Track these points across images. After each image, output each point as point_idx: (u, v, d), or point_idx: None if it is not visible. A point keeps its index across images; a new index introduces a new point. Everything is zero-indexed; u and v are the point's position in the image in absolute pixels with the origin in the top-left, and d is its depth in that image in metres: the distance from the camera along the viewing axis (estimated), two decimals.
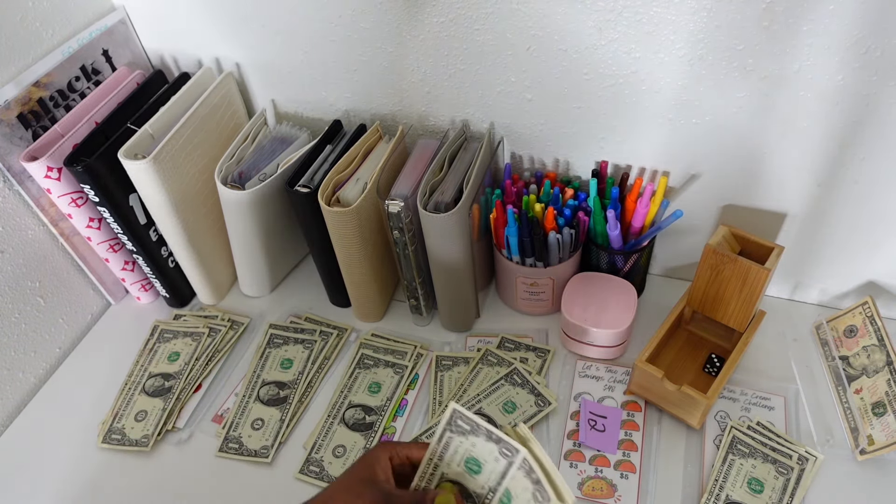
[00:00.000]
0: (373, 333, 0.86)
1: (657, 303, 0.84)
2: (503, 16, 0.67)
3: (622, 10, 0.63)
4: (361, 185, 0.75)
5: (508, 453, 0.47)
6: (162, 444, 0.77)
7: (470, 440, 0.49)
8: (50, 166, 0.73)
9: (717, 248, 0.69)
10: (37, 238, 0.81)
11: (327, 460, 0.73)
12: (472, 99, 0.77)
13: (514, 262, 0.79)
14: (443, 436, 0.51)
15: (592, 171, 0.78)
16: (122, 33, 0.83)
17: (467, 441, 0.50)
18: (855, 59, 0.59)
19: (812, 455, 0.67)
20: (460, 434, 0.50)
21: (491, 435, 0.48)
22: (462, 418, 0.49)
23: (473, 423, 0.48)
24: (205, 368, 0.83)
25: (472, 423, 0.49)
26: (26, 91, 0.73)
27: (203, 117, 0.79)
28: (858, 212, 0.71)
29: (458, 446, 0.51)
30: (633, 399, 0.75)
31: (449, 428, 0.50)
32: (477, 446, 0.49)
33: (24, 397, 0.84)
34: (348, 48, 0.76)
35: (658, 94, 0.68)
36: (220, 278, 0.91)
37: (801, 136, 0.67)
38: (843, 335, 0.76)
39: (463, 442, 0.50)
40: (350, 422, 0.77)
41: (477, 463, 0.50)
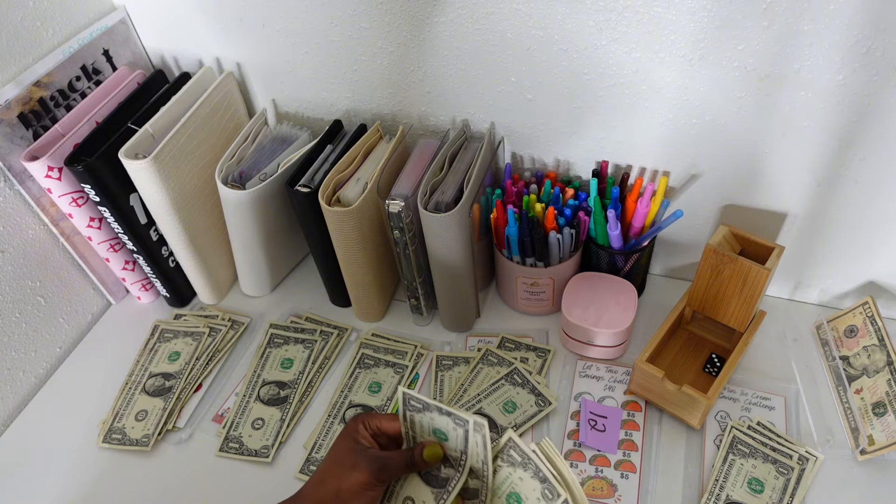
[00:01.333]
0: (373, 333, 0.86)
1: (657, 303, 0.84)
2: (503, 16, 0.67)
3: (622, 10, 0.63)
4: (362, 184, 0.75)
5: (549, 493, 0.49)
6: (162, 443, 0.77)
7: (518, 472, 0.52)
8: (51, 166, 0.73)
9: (717, 248, 0.69)
10: (37, 238, 0.81)
11: None
12: (472, 99, 0.77)
13: (515, 261, 0.79)
14: (404, 415, 0.55)
15: (593, 170, 0.78)
16: (122, 33, 0.83)
17: (515, 473, 0.52)
18: (855, 59, 0.59)
19: (812, 455, 0.67)
20: (417, 412, 0.54)
21: (530, 463, 0.50)
22: (514, 448, 0.52)
23: (524, 454, 0.51)
24: (205, 368, 0.83)
25: (523, 455, 0.51)
26: (27, 91, 0.73)
27: (203, 117, 0.79)
28: (859, 211, 0.71)
29: (422, 420, 0.55)
30: (633, 399, 0.75)
31: (501, 457, 0.53)
32: (517, 478, 0.52)
33: (24, 397, 0.84)
34: (348, 48, 0.76)
35: (658, 94, 0.68)
36: (221, 278, 0.91)
37: (802, 136, 0.67)
38: (843, 335, 0.76)
39: (511, 474, 0.53)
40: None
41: (443, 433, 0.54)
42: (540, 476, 0.49)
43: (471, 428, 0.51)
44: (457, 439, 0.53)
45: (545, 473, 0.48)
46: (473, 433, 0.51)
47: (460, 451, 0.53)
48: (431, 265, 0.76)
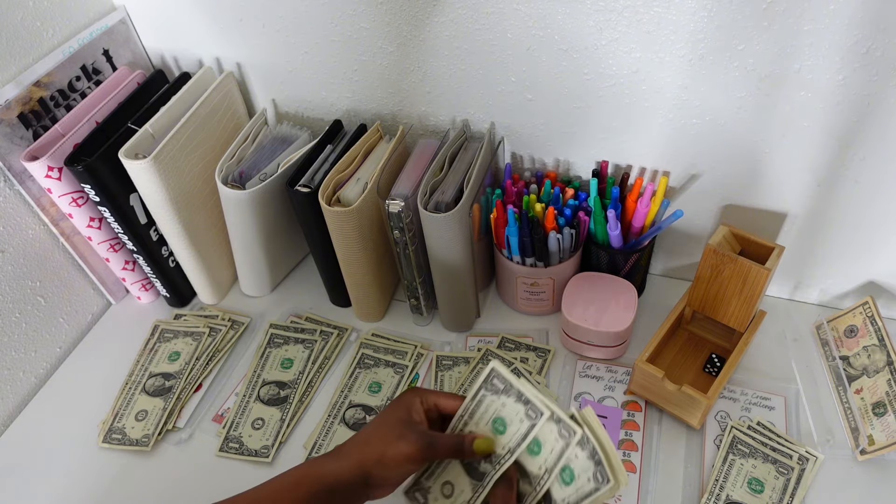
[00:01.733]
0: (373, 333, 0.86)
1: (657, 303, 0.84)
2: (504, 16, 0.67)
3: (622, 10, 0.63)
4: (362, 184, 0.75)
5: (567, 434, 0.49)
6: (162, 443, 0.77)
7: (501, 399, 0.53)
8: (50, 166, 0.73)
9: (717, 248, 0.69)
10: (37, 238, 0.81)
11: None
12: (472, 99, 0.77)
13: (515, 261, 0.79)
14: (475, 392, 0.54)
15: (593, 171, 0.78)
16: (122, 33, 0.83)
17: (498, 401, 0.53)
18: (855, 59, 0.59)
19: (812, 455, 0.67)
20: (494, 393, 0.54)
21: (553, 415, 0.50)
22: (498, 378, 0.53)
23: (536, 407, 0.51)
24: (205, 368, 0.83)
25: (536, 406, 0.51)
26: (27, 91, 0.73)
27: (203, 117, 0.79)
28: (859, 211, 0.71)
29: (490, 404, 0.54)
30: (633, 399, 0.75)
31: (485, 386, 0.54)
32: (507, 407, 0.53)
33: (24, 397, 0.84)
34: (348, 48, 0.76)
35: (658, 94, 0.68)
36: (221, 278, 0.91)
37: (802, 136, 0.67)
38: (843, 335, 0.76)
39: (494, 402, 0.53)
40: (350, 422, 0.77)
41: (503, 423, 0.53)
42: (596, 459, 0.48)
43: (540, 423, 0.50)
44: (515, 435, 0.52)
45: (600, 456, 0.48)
46: (540, 428, 0.50)
47: (509, 449, 0.52)
48: (431, 265, 0.76)
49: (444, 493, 0.56)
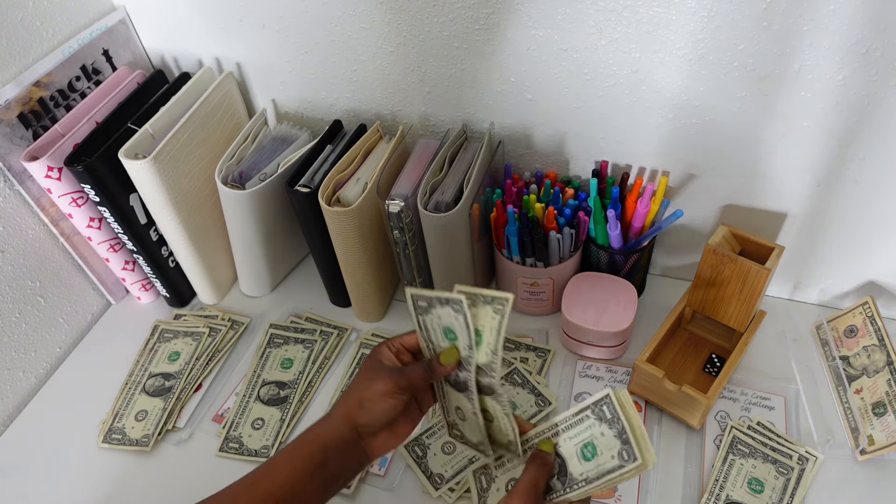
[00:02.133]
0: (373, 333, 0.86)
1: (657, 303, 0.84)
2: (503, 16, 0.67)
3: (622, 10, 0.63)
4: (362, 184, 0.75)
5: (607, 416, 0.50)
6: (162, 443, 0.77)
7: (435, 312, 0.54)
8: (50, 166, 0.73)
9: (717, 248, 0.69)
10: (37, 238, 0.81)
11: None
12: (472, 99, 0.77)
13: (515, 261, 0.79)
14: (419, 322, 0.57)
15: (592, 170, 0.78)
16: (122, 33, 0.83)
17: (434, 314, 0.55)
18: (855, 59, 0.59)
19: (812, 455, 0.67)
20: (425, 313, 0.55)
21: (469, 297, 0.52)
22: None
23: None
24: (205, 368, 0.83)
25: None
26: (27, 91, 0.73)
27: (203, 117, 0.79)
28: (859, 211, 0.71)
29: (431, 322, 0.56)
30: (633, 399, 0.75)
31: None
32: (441, 317, 0.54)
33: (24, 397, 0.84)
34: (348, 48, 0.76)
35: (658, 94, 0.68)
36: (221, 278, 0.91)
37: (802, 136, 0.67)
38: (843, 335, 0.76)
39: (431, 319, 0.55)
40: None
41: (451, 330, 0.54)
42: (623, 438, 0.49)
43: (465, 309, 0.51)
44: (462, 331, 0.53)
45: (628, 436, 0.49)
46: (469, 311, 0.52)
47: (468, 346, 0.54)
48: (431, 265, 0.76)
49: (461, 417, 0.60)
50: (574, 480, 0.52)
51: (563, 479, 0.53)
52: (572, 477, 0.52)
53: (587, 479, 0.51)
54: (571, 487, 0.52)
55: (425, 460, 0.71)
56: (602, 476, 0.50)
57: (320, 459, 0.55)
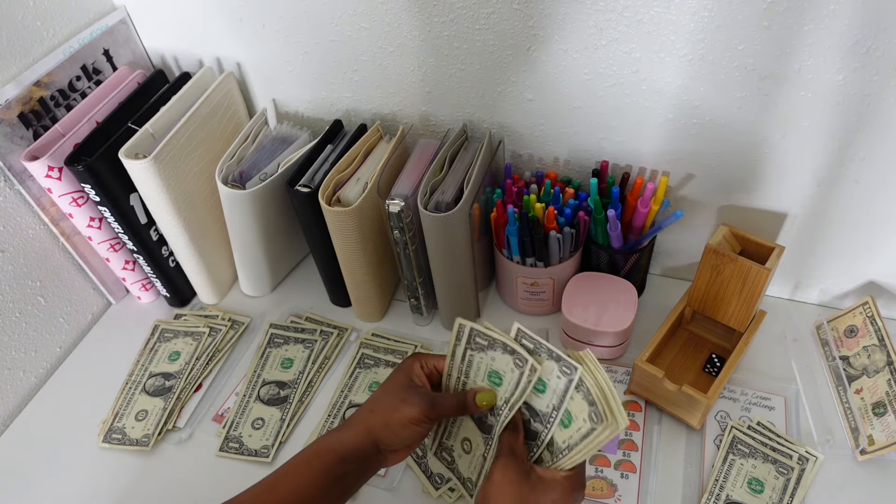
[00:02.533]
0: (373, 333, 0.86)
1: (657, 303, 0.84)
2: (504, 16, 0.67)
3: (622, 10, 0.63)
4: (362, 184, 0.75)
5: (567, 371, 0.50)
6: (162, 443, 0.77)
7: (490, 354, 0.54)
8: (51, 166, 0.73)
9: (717, 248, 0.69)
10: (37, 237, 0.81)
11: None
12: (472, 99, 0.77)
13: (515, 261, 0.79)
14: (463, 354, 0.56)
15: (593, 170, 0.78)
16: (122, 33, 0.83)
17: (487, 356, 0.54)
18: (855, 59, 0.59)
19: (812, 455, 0.67)
20: (480, 350, 0.55)
21: (552, 353, 0.51)
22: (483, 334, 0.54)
23: (537, 342, 0.52)
24: (205, 368, 0.83)
25: (536, 343, 0.53)
26: (27, 90, 0.73)
27: (204, 117, 0.79)
28: (859, 211, 0.71)
29: (480, 362, 0.55)
30: (633, 399, 0.75)
31: (469, 346, 0.55)
32: (497, 361, 0.54)
33: (24, 396, 0.84)
34: (348, 48, 0.76)
35: (658, 94, 0.68)
36: (221, 278, 0.92)
37: (802, 136, 0.67)
38: (843, 335, 0.76)
39: (484, 357, 0.55)
40: None
41: (499, 376, 0.54)
42: (589, 399, 0.49)
43: (527, 370, 0.52)
44: (509, 384, 0.53)
45: (594, 397, 0.48)
46: (528, 376, 0.52)
47: (505, 399, 0.54)
48: (431, 265, 0.76)
49: (465, 449, 0.60)
50: (559, 449, 0.53)
51: (550, 448, 0.54)
52: (557, 445, 0.53)
53: (569, 445, 0.51)
54: (557, 456, 0.53)
55: (425, 460, 0.71)
56: (582, 440, 0.50)
57: (340, 470, 0.54)
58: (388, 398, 0.56)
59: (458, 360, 0.56)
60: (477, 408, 0.55)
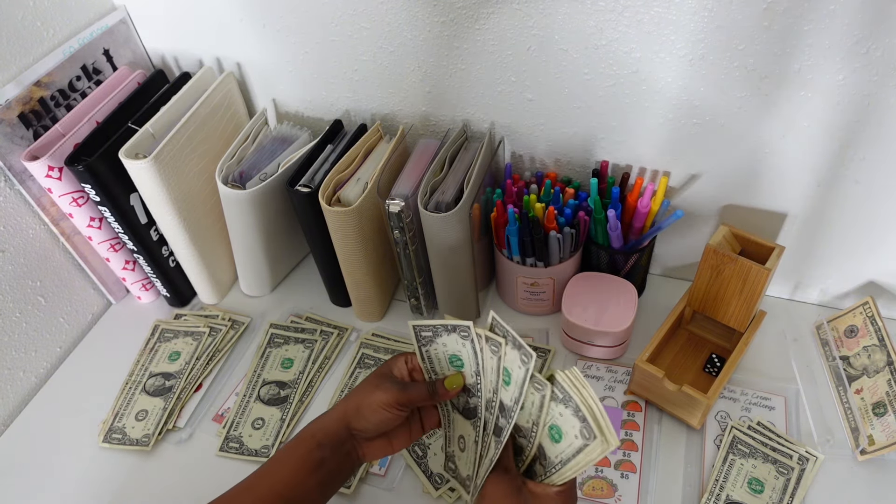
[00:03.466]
0: (373, 333, 0.86)
1: (657, 303, 0.84)
2: (504, 16, 0.67)
3: (623, 10, 0.63)
4: (362, 184, 0.75)
5: (526, 360, 0.52)
6: (162, 443, 0.77)
7: (441, 340, 0.58)
8: (51, 166, 0.73)
9: (717, 248, 0.69)
10: (38, 237, 0.81)
11: None
12: (472, 99, 0.77)
13: (515, 261, 0.79)
14: (422, 354, 0.59)
15: (593, 170, 0.78)
16: (122, 33, 0.83)
17: (440, 342, 0.58)
18: (855, 59, 0.59)
19: (812, 455, 0.67)
20: (429, 343, 0.58)
21: (516, 342, 0.53)
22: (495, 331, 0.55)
23: (506, 330, 0.54)
24: (205, 368, 0.83)
25: (505, 330, 0.54)
26: (27, 90, 0.73)
27: (204, 117, 0.79)
28: (859, 212, 0.71)
29: (436, 352, 0.58)
30: (633, 399, 0.75)
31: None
32: (448, 345, 0.57)
33: (24, 396, 0.84)
34: (348, 48, 0.76)
35: (658, 94, 0.68)
36: (221, 278, 0.92)
37: (802, 136, 0.67)
38: (843, 335, 0.76)
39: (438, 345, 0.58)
40: None
41: (458, 357, 0.57)
42: (580, 415, 0.49)
43: (473, 335, 0.54)
44: (469, 358, 0.55)
45: (584, 413, 0.49)
46: (478, 341, 0.54)
47: (475, 373, 0.56)
48: (431, 265, 0.76)
49: (461, 448, 0.61)
50: (552, 463, 0.53)
51: (543, 462, 0.54)
52: (550, 461, 0.53)
53: (562, 460, 0.52)
54: (550, 471, 0.53)
55: (425, 460, 0.71)
56: (574, 456, 0.50)
57: (318, 455, 0.56)
58: (365, 385, 0.58)
59: (421, 361, 0.59)
60: (448, 392, 0.57)
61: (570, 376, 0.51)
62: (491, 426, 0.56)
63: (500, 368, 0.54)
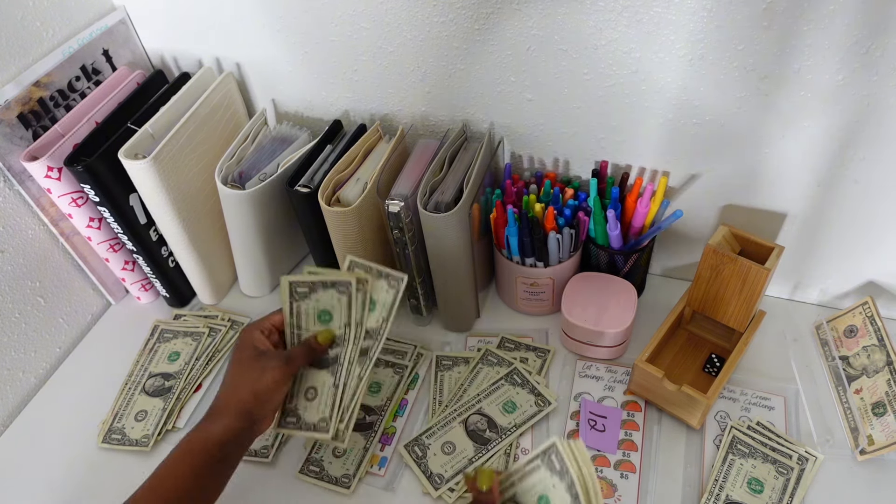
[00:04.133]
0: None
1: (657, 303, 0.84)
2: (503, 16, 0.67)
3: (622, 10, 0.63)
4: (361, 184, 0.75)
5: (395, 283, 0.59)
6: (162, 443, 0.77)
7: (314, 297, 0.63)
8: (50, 166, 0.73)
9: (717, 248, 0.69)
10: (37, 238, 0.81)
11: (327, 460, 0.73)
12: (472, 99, 0.77)
13: (514, 262, 0.79)
14: (290, 308, 0.63)
15: (592, 170, 0.78)
16: (122, 33, 0.83)
17: (312, 300, 0.64)
18: (855, 59, 0.59)
19: (812, 455, 0.67)
20: (304, 298, 0.63)
21: (381, 273, 0.62)
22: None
23: (367, 266, 0.63)
24: (205, 368, 0.83)
25: (366, 266, 0.64)
26: (27, 91, 0.73)
27: (203, 117, 0.79)
28: (858, 211, 0.71)
29: (308, 308, 0.63)
30: (633, 399, 0.75)
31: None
32: (321, 301, 0.63)
33: (24, 397, 0.84)
34: (348, 48, 0.76)
35: (658, 94, 0.68)
36: (221, 278, 0.91)
37: (802, 136, 0.67)
38: (843, 335, 0.76)
39: (307, 305, 0.64)
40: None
41: (328, 313, 0.62)
42: (573, 493, 0.49)
43: (353, 290, 0.58)
44: (341, 311, 0.59)
45: (577, 490, 0.48)
46: (356, 293, 0.59)
47: (344, 325, 0.61)
48: (431, 265, 0.76)
49: (308, 398, 0.63)
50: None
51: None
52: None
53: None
54: None
55: (425, 460, 0.71)
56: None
57: (219, 454, 0.57)
58: (246, 373, 0.58)
59: (288, 315, 0.62)
60: (322, 346, 0.60)
61: (573, 449, 0.49)
62: (355, 354, 0.60)
63: (367, 301, 0.58)
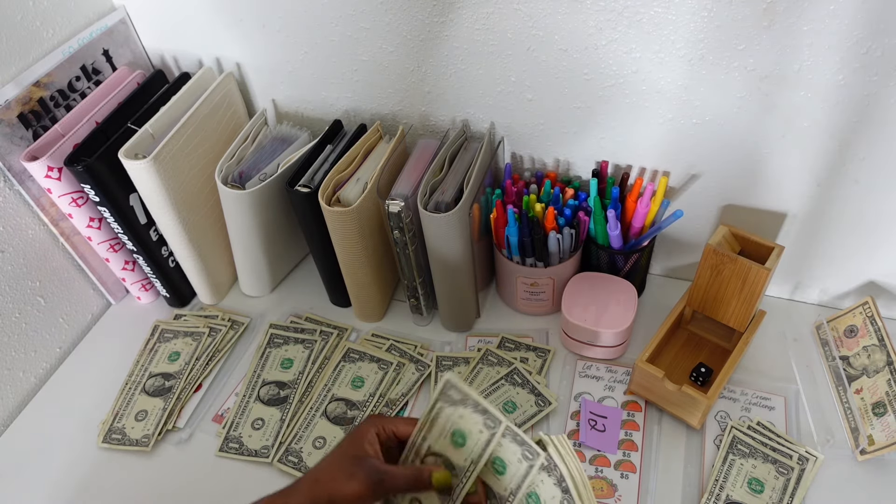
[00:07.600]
0: (373, 333, 0.86)
1: (657, 303, 0.84)
2: (504, 16, 0.67)
3: (622, 10, 0.63)
4: (362, 184, 0.75)
5: (530, 456, 0.47)
6: (162, 443, 0.77)
7: (459, 411, 0.51)
8: (50, 166, 0.73)
9: (717, 248, 0.69)
10: (37, 238, 0.81)
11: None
12: (472, 99, 0.77)
13: (515, 262, 0.79)
14: (434, 409, 0.52)
15: (593, 170, 0.78)
16: (122, 33, 0.83)
17: (455, 413, 0.51)
18: (855, 59, 0.59)
19: (812, 455, 0.67)
20: (451, 405, 0.51)
21: (516, 437, 0.48)
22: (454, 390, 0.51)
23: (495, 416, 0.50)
24: (205, 368, 0.83)
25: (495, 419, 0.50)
26: (27, 91, 0.73)
27: (203, 117, 0.79)
28: (859, 211, 0.71)
29: (448, 418, 0.52)
30: (633, 399, 0.75)
31: (442, 398, 0.52)
32: (465, 418, 0.51)
33: (24, 397, 0.84)
34: (348, 48, 0.76)
35: (658, 94, 0.68)
36: (221, 278, 0.91)
37: (802, 136, 0.67)
38: (843, 335, 0.76)
39: (451, 414, 0.51)
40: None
41: (462, 435, 0.51)
42: (563, 486, 0.47)
43: (500, 431, 0.49)
44: (475, 445, 0.50)
45: (568, 484, 0.47)
46: (543, 472, 0.49)
47: (472, 460, 0.51)
48: (431, 265, 0.76)
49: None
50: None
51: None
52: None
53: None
54: None
55: None
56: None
57: None
58: (335, 470, 0.52)
59: (427, 415, 0.53)
60: (431, 486, 0.51)
61: (559, 444, 0.48)
62: (459, 497, 0.51)
63: (490, 452, 0.49)
